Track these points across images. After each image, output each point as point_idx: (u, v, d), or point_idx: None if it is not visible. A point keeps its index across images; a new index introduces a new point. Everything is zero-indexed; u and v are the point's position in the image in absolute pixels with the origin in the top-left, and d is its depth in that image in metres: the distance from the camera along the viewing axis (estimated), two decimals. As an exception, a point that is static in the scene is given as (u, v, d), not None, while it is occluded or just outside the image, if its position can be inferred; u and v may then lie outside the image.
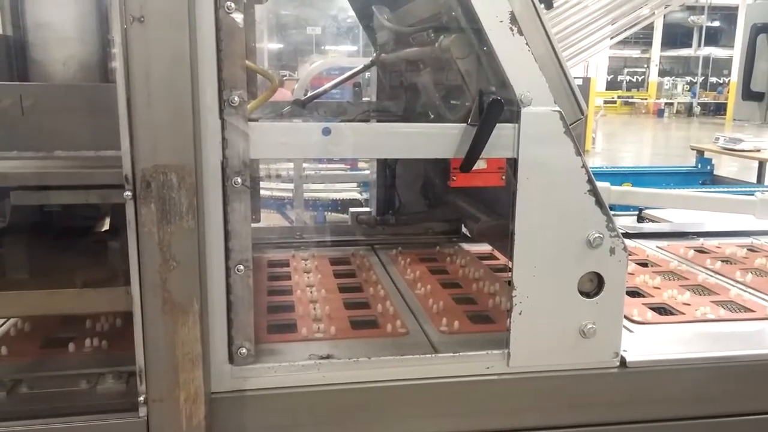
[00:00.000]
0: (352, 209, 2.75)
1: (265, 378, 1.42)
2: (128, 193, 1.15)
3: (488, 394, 1.50)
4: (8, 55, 1.59)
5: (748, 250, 2.49)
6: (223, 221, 1.33)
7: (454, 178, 1.42)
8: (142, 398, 1.23)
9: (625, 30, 6.11)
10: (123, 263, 1.24)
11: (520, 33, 1.37)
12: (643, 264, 2.31)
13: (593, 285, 1.49)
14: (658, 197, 2.95)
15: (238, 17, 1.26)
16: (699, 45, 32.89)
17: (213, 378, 1.37)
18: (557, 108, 1.41)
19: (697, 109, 31.25)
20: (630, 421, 1.54)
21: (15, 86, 1.39)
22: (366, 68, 2.65)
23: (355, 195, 6.16)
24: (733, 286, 2.06)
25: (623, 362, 1.53)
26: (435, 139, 1.41)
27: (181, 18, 1.14)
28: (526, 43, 1.38)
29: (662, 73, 33.58)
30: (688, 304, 1.90)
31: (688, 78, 33.39)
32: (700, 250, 2.50)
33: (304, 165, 5.52)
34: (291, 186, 5.37)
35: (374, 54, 2.70)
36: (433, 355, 1.51)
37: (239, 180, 1.32)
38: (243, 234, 1.34)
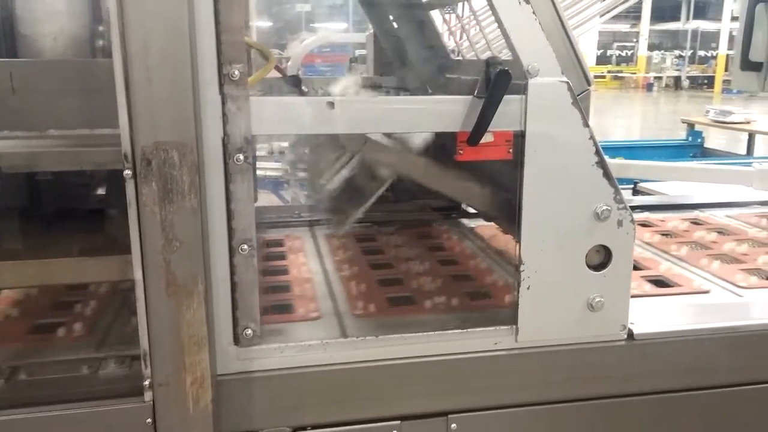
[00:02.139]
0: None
1: (271, 359, 1.39)
2: (128, 172, 1.11)
3: (496, 370, 1.49)
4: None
5: (744, 222, 2.49)
6: (225, 200, 1.29)
7: (461, 151, 1.39)
8: (147, 382, 1.21)
9: (615, 8, 5.98)
10: (119, 231, 1.20)
11: (527, 2, 1.34)
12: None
13: (601, 258, 1.47)
14: (656, 169, 2.96)
15: (236, -13, 1.21)
16: (687, 18, 32.76)
17: (218, 360, 1.35)
18: (565, 79, 1.37)
19: (685, 83, 31.25)
20: (639, 393, 1.54)
21: (5, 63, 1.33)
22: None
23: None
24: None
25: (631, 335, 1.52)
26: (441, 113, 1.37)
27: (179, -12, 1.09)
28: (533, 12, 1.34)
29: (651, 47, 33.42)
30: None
31: (677, 51, 33.30)
32: (696, 222, 2.50)
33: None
34: (278, 165, 5.26)
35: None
36: (441, 332, 1.49)
37: (241, 157, 1.28)
38: (246, 213, 1.31)
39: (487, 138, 1.38)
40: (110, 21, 1.06)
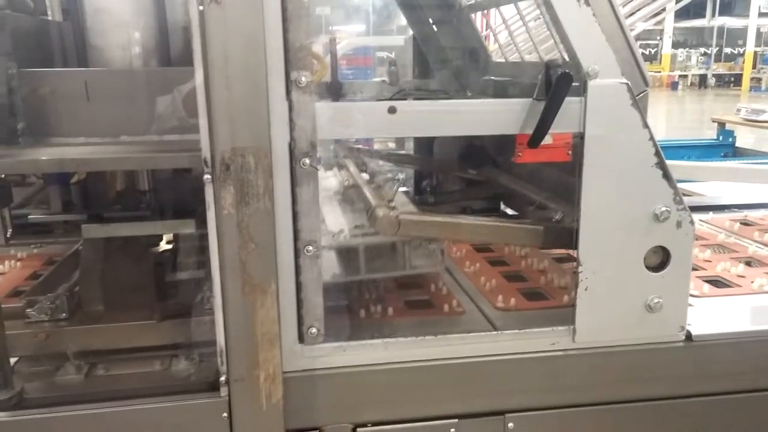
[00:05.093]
0: (390, 189, 2.73)
1: (334, 357, 1.43)
2: (208, 176, 1.15)
3: (554, 370, 1.50)
4: (62, 41, 1.59)
5: (795, 221, 2.47)
6: (291, 202, 1.33)
7: (521, 153, 1.41)
8: (223, 378, 1.25)
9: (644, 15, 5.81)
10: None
11: (587, 4, 1.35)
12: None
13: (659, 259, 1.48)
14: (698, 170, 2.94)
15: (305, -4, 1.24)
16: (713, 15, 32.24)
17: (284, 358, 1.38)
18: (625, 80, 1.39)
19: (711, 81, 30.75)
20: (696, 394, 1.54)
21: (80, 72, 1.39)
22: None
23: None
24: (786, 257, 2.05)
25: (689, 336, 1.52)
26: (501, 116, 1.39)
27: (257, -2, 1.13)
28: (593, 14, 1.36)
29: (676, 45, 32.95)
30: (743, 276, 1.89)
31: (702, 49, 32.79)
32: (746, 223, 2.48)
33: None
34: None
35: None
36: (498, 332, 1.51)
37: (307, 161, 1.31)
38: (312, 215, 1.34)
39: (546, 140, 1.40)
40: (192, 31, 1.10)
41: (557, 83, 1.33)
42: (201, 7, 1.10)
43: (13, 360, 1.39)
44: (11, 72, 1.28)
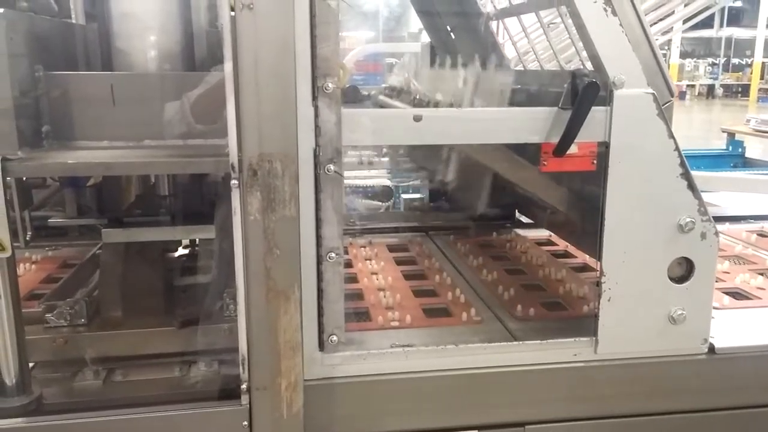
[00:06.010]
0: (404, 196, 2.74)
1: (354, 365, 1.41)
2: (235, 182, 1.14)
3: (575, 382, 1.49)
4: (86, 44, 1.59)
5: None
6: (314, 209, 1.32)
7: (545, 162, 1.40)
8: (244, 386, 1.23)
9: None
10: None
11: (614, 13, 1.34)
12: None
13: (683, 270, 1.46)
14: (711, 180, 2.91)
15: (333, 1, 1.24)
16: (721, 25, 32.17)
17: (304, 366, 1.37)
18: (650, 90, 1.38)
19: (719, 91, 30.66)
20: (719, 407, 1.52)
21: (106, 75, 1.38)
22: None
23: (386, 182, 6.10)
24: (806, 270, 2.03)
25: (711, 348, 1.50)
26: (526, 124, 1.38)
27: (288, 5, 1.12)
28: (620, 24, 1.35)
29: (683, 55, 32.86)
30: (763, 289, 1.87)
31: (710, 59, 32.70)
32: (762, 234, 2.46)
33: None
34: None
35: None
36: (520, 343, 1.50)
37: (332, 167, 1.31)
38: (334, 221, 1.33)
39: (571, 149, 1.39)
40: (223, 35, 1.09)
41: (584, 92, 1.32)
42: (233, 13, 1.10)
43: (30, 365, 1.39)
44: (38, 74, 1.28)
